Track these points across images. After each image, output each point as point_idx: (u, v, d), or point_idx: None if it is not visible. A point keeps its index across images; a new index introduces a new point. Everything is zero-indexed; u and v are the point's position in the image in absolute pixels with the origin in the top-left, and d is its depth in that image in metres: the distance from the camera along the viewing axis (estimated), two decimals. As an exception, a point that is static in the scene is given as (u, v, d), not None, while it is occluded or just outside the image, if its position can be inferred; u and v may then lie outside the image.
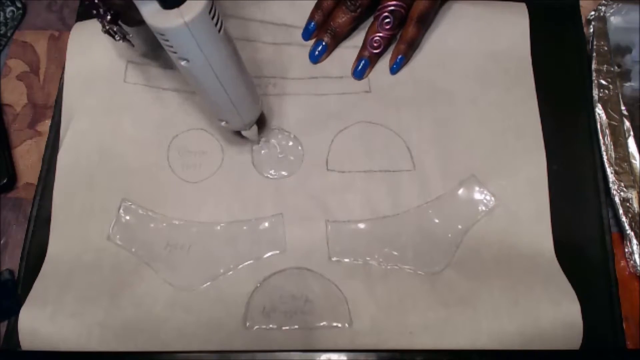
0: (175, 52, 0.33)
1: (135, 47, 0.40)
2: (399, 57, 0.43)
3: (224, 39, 0.33)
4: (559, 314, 0.36)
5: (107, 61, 0.44)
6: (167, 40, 0.32)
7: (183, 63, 0.33)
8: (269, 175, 0.42)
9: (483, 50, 0.44)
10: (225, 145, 0.43)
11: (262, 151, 0.42)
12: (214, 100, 0.36)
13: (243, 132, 0.40)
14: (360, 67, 0.44)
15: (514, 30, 0.44)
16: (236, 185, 0.41)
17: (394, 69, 0.44)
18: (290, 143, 0.43)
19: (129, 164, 0.42)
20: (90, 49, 0.44)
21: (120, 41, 0.38)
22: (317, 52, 0.44)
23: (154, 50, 0.44)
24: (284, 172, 0.42)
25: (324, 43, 0.44)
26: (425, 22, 0.43)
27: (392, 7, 0.42)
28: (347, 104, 0.43)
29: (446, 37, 0.44)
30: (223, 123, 0.38)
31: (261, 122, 0.42)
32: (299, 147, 0.42)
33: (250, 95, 0.38)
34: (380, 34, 0.43)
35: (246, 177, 0.42)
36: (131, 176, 0.42)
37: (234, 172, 0.42)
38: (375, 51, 0.43)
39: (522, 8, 0.45)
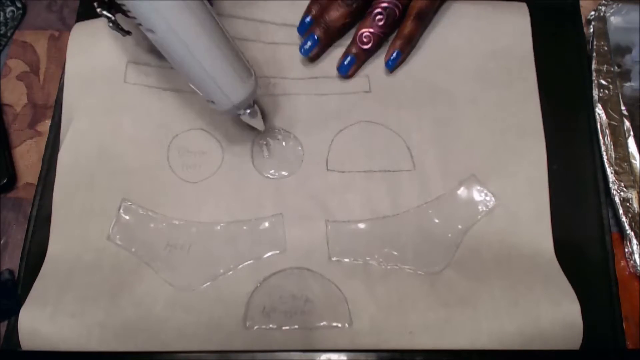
0: (140, 24, 0.31)
1: (134, 46, 0.40)
2: (395, 52, 0.43)
3: (191, 5, 0.31)
4: (559, 314, 0.36)
5: (107, 61, 0.44)
6: (129, 11, 0.30)
7: (150, 35, 0.31)
8: (269, 175, 0.42)
9: (483, 49, 0.44)
10: (225, 145, 0.43)
11: (262, 151, 0.42)
12: (190, 76, 0.34)
13: (243, 118, 0.39)
14: (346, 63, 0.43)
15: (515, 29, 0.44)
16: (236, 185, 0.41)
17: (390, 64, 0.43)
18: (290, 143, 0.43)
19: (129, 164, 0.42)
20: (90, 49, 0.44)
21: (123, 35, 0.38)
22: (307, 46, 0.43)
23: (154, 50, 0.44)
24: (284, 172, 0.42)
25: (315, 37, 0.43)
26: (424, 19, 0.43)
27: (386, 4, 0.42)
28: (347, 103, 0.43)
29: (446, 36, 0.44)
30: (211, 104, 0.37)
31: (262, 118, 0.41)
32: (299, 147, 0.42)
33: (234, 70, 0.35)
34: (371, 30, 0.42)
35: (246, 177, 0.42)
36: (131, 176, 0.42)
37: (234, 172, 0.42)
38: (364, 47, 0.43)
39: (523, 7, 0.45)
